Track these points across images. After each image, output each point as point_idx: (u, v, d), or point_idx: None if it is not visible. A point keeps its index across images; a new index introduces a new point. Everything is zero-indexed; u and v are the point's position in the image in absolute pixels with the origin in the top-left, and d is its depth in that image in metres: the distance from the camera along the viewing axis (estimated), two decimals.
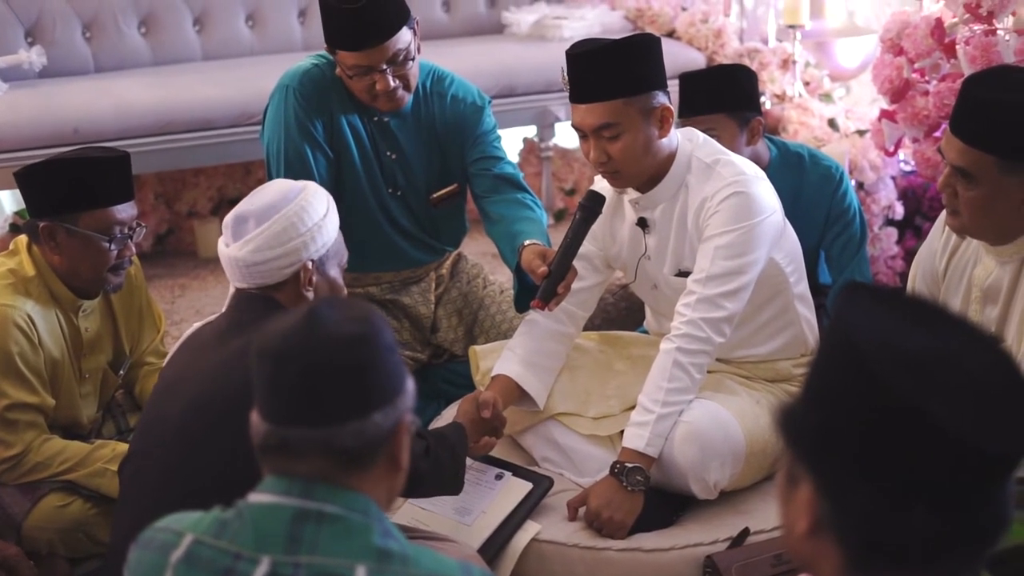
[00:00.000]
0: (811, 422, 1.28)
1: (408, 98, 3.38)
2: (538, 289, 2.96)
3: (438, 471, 2.70)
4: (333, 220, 2.58)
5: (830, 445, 1.26)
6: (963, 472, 1.21)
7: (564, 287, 2.96)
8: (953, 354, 1.25)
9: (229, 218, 2.52)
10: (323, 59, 3.41)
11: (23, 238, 3.12)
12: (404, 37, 3.26)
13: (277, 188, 2.55)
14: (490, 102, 3.57)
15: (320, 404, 1.63)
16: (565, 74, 2.90)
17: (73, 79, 4.77)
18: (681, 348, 2.82)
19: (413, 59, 3.31)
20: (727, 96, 3.61)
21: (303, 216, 2.49)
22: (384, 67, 3.25)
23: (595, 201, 3.00)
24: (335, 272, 2.60)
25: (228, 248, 2.50)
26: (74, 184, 3.00)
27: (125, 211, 3.07)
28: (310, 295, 2.52)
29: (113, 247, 3.05)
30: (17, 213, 4.77)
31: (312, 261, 2.51)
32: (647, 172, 2.95)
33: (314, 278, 2.52)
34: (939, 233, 2.85)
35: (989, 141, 2.47)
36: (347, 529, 1.62)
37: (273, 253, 2.46)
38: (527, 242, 3.11)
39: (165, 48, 5.10)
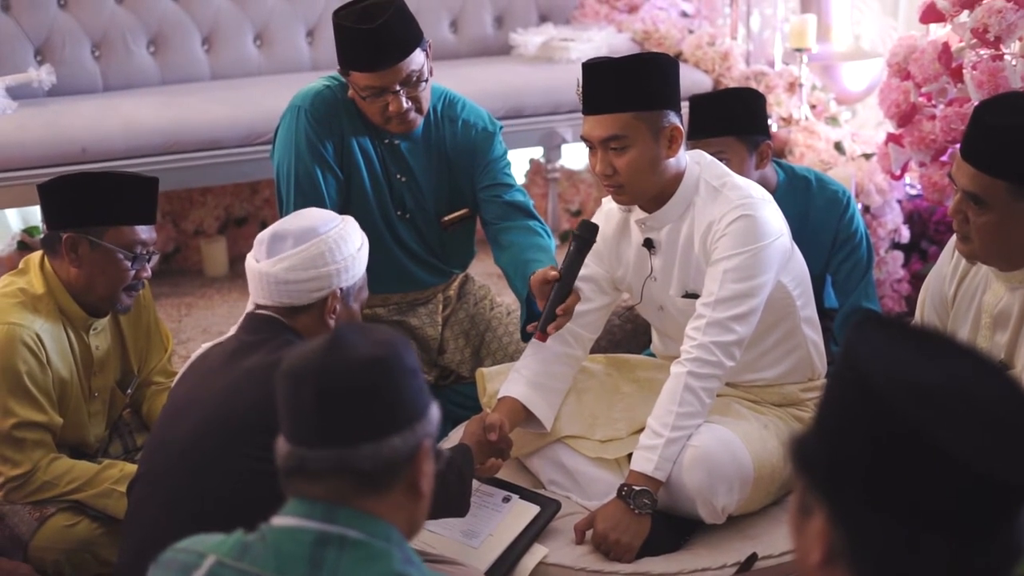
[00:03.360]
0: (824, 452, 1.28)
1: (420, 120, 3.39)
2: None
3: (444, 492, 2.70)
4: (364, 255, 2.62)
5: (843, 475, 1.26)
6: (975, 501, 1.21)
7: (563, 310, 2.96)
8: (963, 383, 1.25)
9: (265, 235, 2.55)
10: (335, 80, 3.42)
11: (34, 256, 3.13)
12: (417, 58, 3.27)
13: (318, 214, 2.60)
14: (501, 128, 3.58)
15: (335, 425, 1.64)
16: (580, 86, 2.92)
17: (82, 98, 4.78)
18: (692, 372, 2.82)
19: (426, 81, 3.32)
20: (737, 119, 3.61)
21: (341, 244, 2.53)
22: (397, 88, 3.26)
23: (588, 231, 3.01)
24: (356, 306, 2.63)
25: (259, 264, 2.52)
26: (104, 198, 3.03)
27: (147, 233, 3.10)
28: (332, 323, 2.54)
29: (133, 266, 3.06)
30: (25, 231, 4.79)
31: (340, 290, 2.53)
32: (652, 190, 2.95)
33: (338, 307, 2.54)
34: (948, 258, 2.85)
35: (1000, 167, 2.47)
36: (369, 554, 1.62)
37: (307, 274, 2.49)
38: (537, 271, 3.11)
39: (173, 67, 5.11)
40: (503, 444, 2.95)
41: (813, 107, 5.21)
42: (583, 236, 3.01)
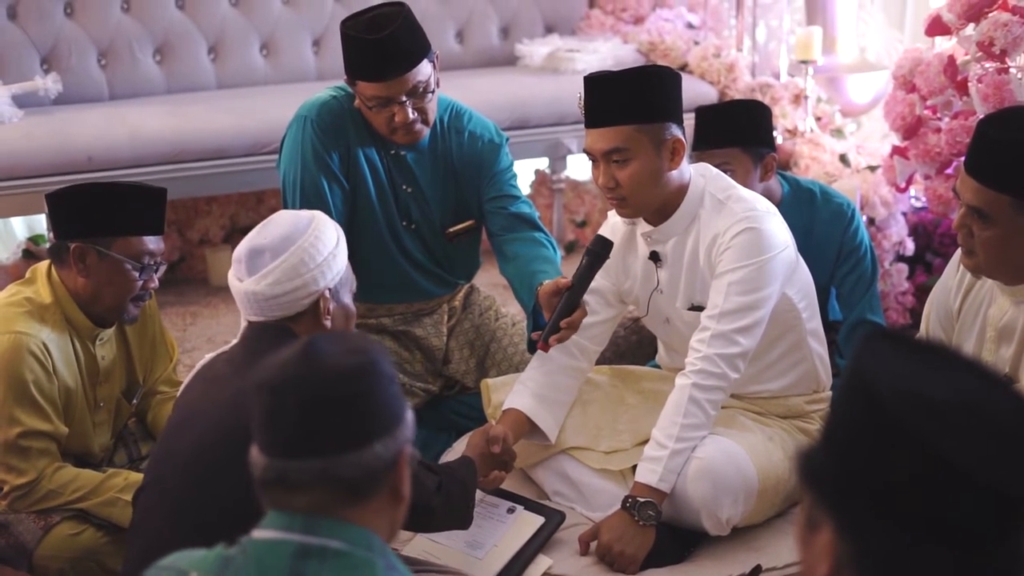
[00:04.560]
0: (831, 466, 1.29)
1: (426, 132, 3.39)
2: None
3: (449, 506, 2.69)
4: (343, 247, 2.58)
5: (850, 489, 1.26)
6: (981, 514, 1.21)
7: (567, 323, 2.96)
8: (970, 397, 1.25)
9: (241, 252, 2.50)
10: (341, 91, 3.43)
11: (41, 266, 3.13)
12: (424, 69, 3.27)
13: (287, 220, 2.55)
14: (507, 140, 3.58)
15: (318, 435, 1.63)
16: (582, 100, 2.92)
17: (88, 106, 4.78)
18: (697, 384, 2.82)
19: (432, 92, 3.32)
20: (743, 131, 3.62)
21: (318, 246, 2.49)
22: (404, 99, 3.26)
23: (602, 247, 3.01)
24: (348, 299, 2.60)
25: (243, 283, 2.48)
26: (112, 209, 3.03)
27: (155, 243, 3.10)
28: (328, 323, 2.52)
29: (140, 276, 3.07)
30: (31, 239, 4.79)
31: (329, 290, 2.51)
32: (655, 202, 2.96)
33: (332, 306, 2.52)
34: (954, 272, 2.85)
35: (1004, 181, 2.48)
36: (351, 564, 1.61)
37: (292, 285, 2.45)
38: (546, 282, 3.11)
39: (180, 76, 5.11)
40: (506, 456, 2.96)
41: (818, 119, 5.21)
42: (597, 251, 3.00)
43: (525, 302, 3.26)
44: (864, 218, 4.28)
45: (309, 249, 2.48)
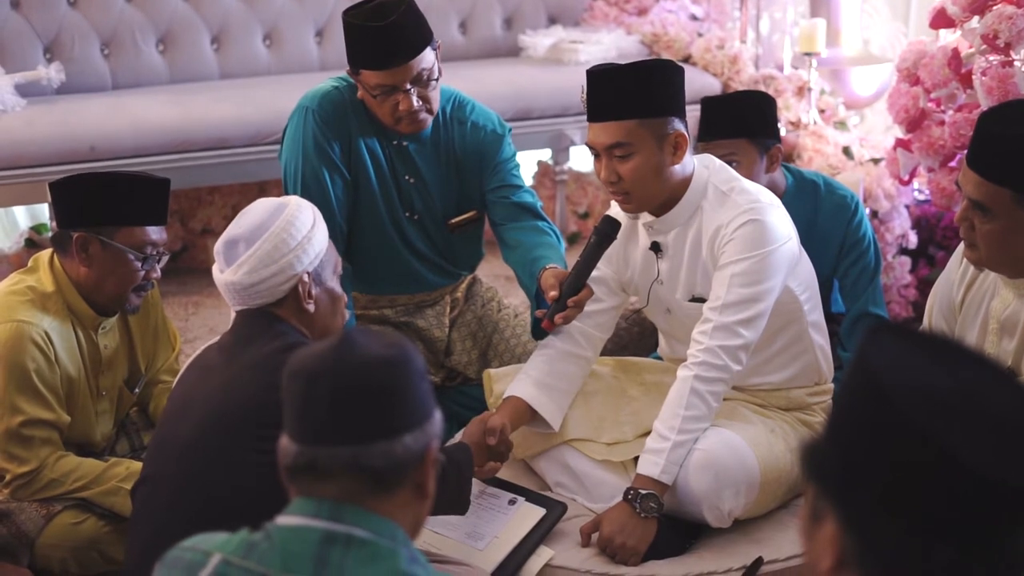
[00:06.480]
0: (835, 459, 1.28)
1: (430, 121, 3.38)
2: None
3: (444, 489, 2.68)
4: (321, 230, 2.60)
5: (855, 481, 1.26)
6: (987, 508, 1.21)
7: (574, 301, 2.96)
8: (976, 391, 1.25)
9: (219, 244, 2.54)
10: (344, 82, 3.42)
11: (44, 254, 3.14)
12: (428, 57, 3.27)
13: (262, 208, 2.58)
14: (510, 131, 3.58)
15: (350, 423, 1.64)
16: (584, 93, 2.92)
17: (91, 96, 4.79)
18: (699, 376, 2.82)
19: (436, 80, 3.32)
20: (750, 122, 3.62)
21: (291, 231, 2.51)
22: (408, 87, 3.26)
23: (610, 226, 3.01)
24: (333, 281, 2.62)
25: (223, 274, 2.52)
26: (116, 199, 3.04)
27: (158, 233, 3.11)
28: (311, 308, 2.54)
29: (143, 267, 3.07)
30: (33, 228, 4.79)
31: (308, 273, 2.52)
32: (658, 197, 2.95)
33: (313, 290, 2.54)
34: (956, 265, 2.85)
35: (1005, 175, 2.47)
36: (375, 553, 1.63)
37: (268, 272, 2.48)
38: (548, 266, 3.12)
39: (182, 66, 5.12)
40: (502, 447, 2.95)
41: (822, 111, 5.20)
42: (605, 231, 3.01)
43: (528, 287, 3.27)
44: (867, 211, 4.28)
45: (282, 235, 2.50)
